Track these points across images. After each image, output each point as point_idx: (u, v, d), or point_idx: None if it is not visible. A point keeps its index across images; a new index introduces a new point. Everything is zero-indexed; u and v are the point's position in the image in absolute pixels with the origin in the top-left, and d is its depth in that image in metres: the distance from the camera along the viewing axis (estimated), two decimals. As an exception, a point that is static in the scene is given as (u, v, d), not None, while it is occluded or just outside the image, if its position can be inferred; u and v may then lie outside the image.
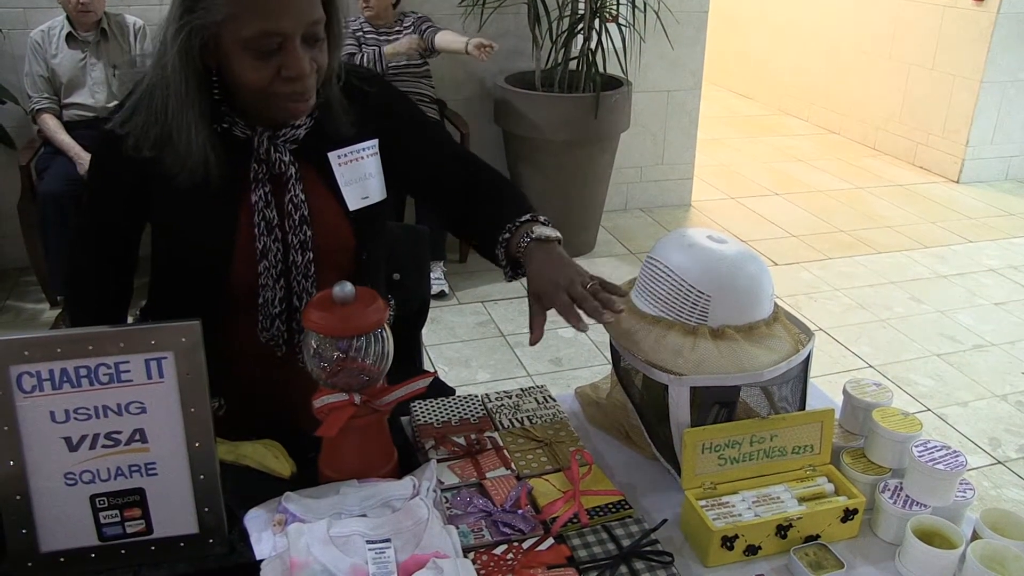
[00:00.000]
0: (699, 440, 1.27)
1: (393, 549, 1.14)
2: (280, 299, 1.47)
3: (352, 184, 1.48)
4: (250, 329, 1.49)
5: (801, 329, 1.40)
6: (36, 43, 3.71)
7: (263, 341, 1.50)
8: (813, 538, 1.24)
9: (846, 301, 4.17)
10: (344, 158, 1.48)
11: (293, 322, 1.50)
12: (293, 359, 1.52)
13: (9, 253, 4.17)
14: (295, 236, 1.44)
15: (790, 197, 5.61)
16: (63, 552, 1.17)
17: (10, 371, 1.10)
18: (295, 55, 1.29)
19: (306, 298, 1.47)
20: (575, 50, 4.33)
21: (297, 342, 1.51)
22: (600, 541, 1.21)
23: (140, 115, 1.37)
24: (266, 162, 1.41)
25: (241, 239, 1.43)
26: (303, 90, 1.33)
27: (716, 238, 1.36)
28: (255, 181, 1.42)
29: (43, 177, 3.65)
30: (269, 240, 1.43)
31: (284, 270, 1.45)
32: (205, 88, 1.34)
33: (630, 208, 5.27)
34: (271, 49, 1.28)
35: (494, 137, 4.63)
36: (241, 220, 1.43)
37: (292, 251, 1.45)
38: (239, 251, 1.43)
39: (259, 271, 1.44)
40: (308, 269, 1.46)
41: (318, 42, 1.33)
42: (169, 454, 1.17)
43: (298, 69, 1.30)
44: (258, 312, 1.48)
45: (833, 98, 7.13)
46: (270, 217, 1.42)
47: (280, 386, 1.54)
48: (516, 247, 1.43)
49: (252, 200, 1.42)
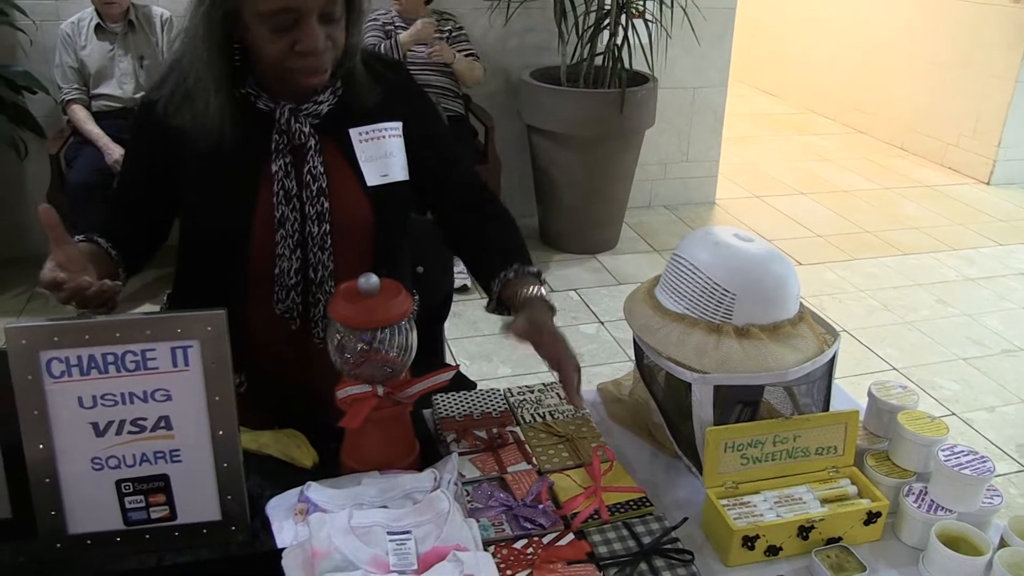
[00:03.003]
0: (722, 439, 1.27)
1: (414, 540, 1.14)
2: (296, 270, 1.49)
3: (372, 161, 1.50)
4: (267, 302, 1.51)
5: (826, 329, 1.39)
6: (66, 34, 3.74)
7: (278, 313, 1.52)
8: (835, 540, 1.23)
9: (871, 302, 4.14)
10: (366, 135, 1.50)
11: (309, 295, 1.52)
12: (308, 334, 1.54)
13: (38, 241, 4.20)
14: (312, 207, 1.47)
15: (816, 197, 5.57)
16: (90, 535, 1.19)
17: (40, 356, 1.12)
18: (310, 32, 1.32)
19: (322, 271, 1.50)
20: (601, 46, 4.31)
21: (312, 316, 1.53)
22: (620, 538, 1.21)
23: (170, 81, 1.43)
24: (287, 133, 1.45)
25: (260, 208, 1.46)
26: (317, 65, 1.37)
27: (742, 236, 1.36)
28: (276, 152, 1.45)
29: (72, 167, 3.69)
30: (287, 210, 1.46)
31: (301, 240, 1.48)
32: (225, 54, 1.38)
33: (654, 205, 5.25)
34: (287, 24, 1.31)
35: (519, 132, 4.63)
36: (261, 190, 1.46)
37: (309, 222, 1.47)
38: (258, 220, 1.46)
39: (276, 240, 1.47)
40: (324, 241, 1.48)
41: (335, 20, 1.36)
42: (193, 442, 1.18)
43: (312, 45, 1.33)
44: (274, 283, 1.50)
45: (862, 97, 7.06)
46: (289, 187, 1.45)
47: (296, 363, 1.56)
48: (520, 289, 1.47)
49: (272, 170, 1.45)
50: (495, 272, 1.52)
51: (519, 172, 4.72)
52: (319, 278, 1.50)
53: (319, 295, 1.52)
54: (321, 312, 1.53)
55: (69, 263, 1.25)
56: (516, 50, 4.64)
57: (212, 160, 1.44)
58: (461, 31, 4.16)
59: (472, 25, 4.39)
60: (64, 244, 1.24)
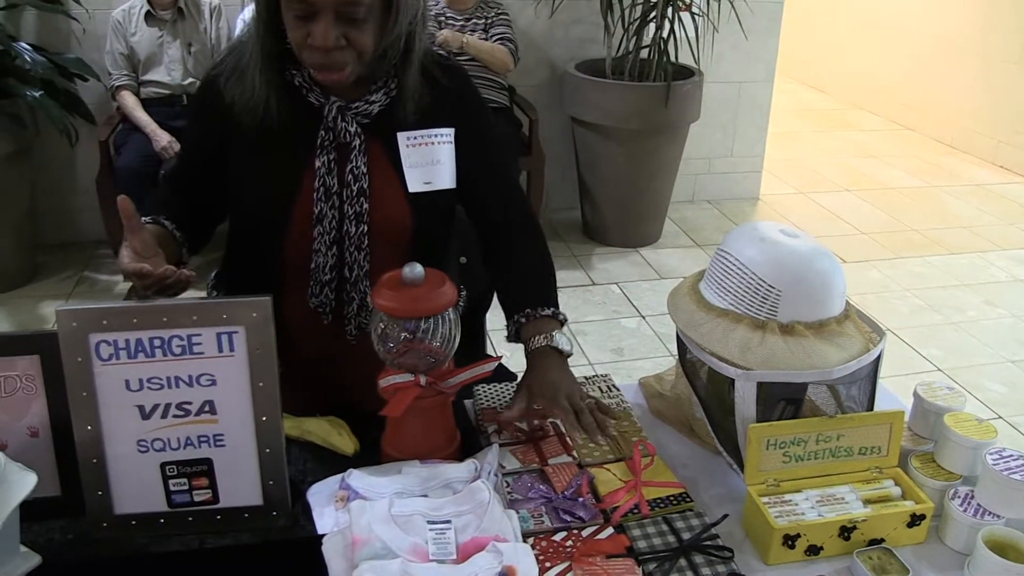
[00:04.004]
0: (764, 436, 1.26)
1: (453, 530, 1.15)
2: (331, 266, 1.49)
3: (417, 167, 1.49)
4: (302, 293, 1.52)
5: (872, 328, 1.37)
6: (117, 22, 3.80)
7: (312, 307, 1.52)
8: (877, 542, 1.22)
9: (916, 302, 4.08)
10: (414, 140, 1.49)
11: (343, 293, 1.52)
12: (340, 331, 1.55)
13: (87, 226, 4.29)
14: (351, 207, 1.46)
15: (861, 194, 5.49)
16: (135, 516, 1.21)
17: (90, 339, 1.14)
18: (321, 28, 1.30)
19: (357, 270, 1.50)
20: (647, 38, 4.28)
21: (346, 313, 1.53)
22: (660, 533, 1.21)
23: (230, 58, 1.46)
24: (333, 130, 1.44)
25: (301, 201, 1.46)
26: (328, 62, 1.34)
27: (788, 232, 1.34)
28: (321, 147, 1.45)
29: (120, 152, 3.75)
30: (326, 206, 1.46)
31: (337, 238, 1.48)
32: (274, 34, 1.38)
33: (697, 200, 5.21)
34: (305, 15, 1.31)
35: (563, 124, 4.62)
36: (304, 183, 1.46)
37: (347, 221, 1.47)
38: (297, 213, 1.47)
39: (313, 235, 1.47)
40: (361, 241, 1.48)
41: (357, 21, 1.32)
42: (237, 426, 1.20)
43: (320, 41, 1.31)
44: (310, 276, 1.50)
45: (910, 92, 6.94)
46: (329, 184, 1.45)
47: (328, 356, 1.57)
48: (530, 337, 1.48)
49: (316, 165, 1.45)
50: (512, 307, 1.54)
51: (562, 164, 4.71)
52: (354, 277, 1.50)
53: (353, 293, 1.52)
54: (354, 310, 1.53)
55: (143, 249, 1.27)
56: (561, 42, 4.62)
57: (259, 145, 1.45)
58: (502, 16, 4.14)
59: (518, 16, 4.38)
60: (138, 231, 1.27)
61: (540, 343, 1.46)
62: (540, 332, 1.47)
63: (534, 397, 1.40)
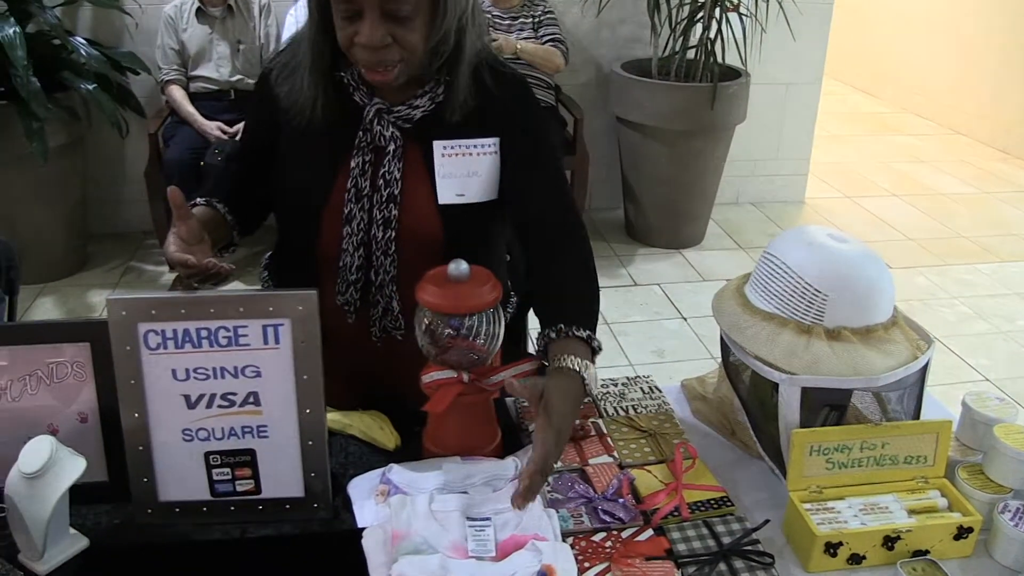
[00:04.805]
0: (807, 442, 1.24)
1: (493, 528, 1.15)
2: (358, 267, 1.48)
3: (451, 178, 1.46)
4: (330, 289, 1.51)
5: (920, 335, 1.35)
6: (169, 17, 3.86)
7: (338, 304, 1.52)
8: (922, 553, 1.20)
9: (963, 310, 4.00)
10: (450, 150, 1.45)
11: (368, 295, 1.51)
12: (364, 330, 1.54)
13: (135, 217, 4.36)
14: (379, 211, 1.45)
15: (909, 199, 5.40)
16: (178, 503, 1.23)
17: (138, 328, 1.16)
18: (367, 26, 1.29)
19: (383, 274, 1.48)
20: (694, 39, 4.26)
21: (371, 315, 1.52)
22: (700, 536, 1.20)
23: (285, 53, 1.47)
24: (370, 132, 1.44)
25: (333, 199, 1.47)
26: (376, 60, 1.33)
27: (837, 237, 1.32)
28: (357, 148, 1.45)
29: (169, 145, 3.81)
30: (355, 208, 1.46)
31: (365, 240, 1.47)
32: (325, 33, 1.38)
33: (741, 202, 5.16)
34: (352, 14, 1.30)
35: (608, 124, 4.60)
36: (338, 182, 1.46)
37: (375, 225, 1.46)
38: (329, 210, 1.47)
39: (343, 235, 1.47)
40: (388, 247, 1.46)
41: (403, 19, 1.30)
42: (280, 418, 1.21)
43: (367, 40, 1.30)
44: (337, 274, 1.50)
45: (962, 97, 6.81)
46: (361, 186, 1.45)
47: (353, 353, 1.55)
48: (554, 356, 1.28)
49: (351, 165, 1.45)
50: (545, 321, 1.37)
51: (607, 164, 4.70)
52: (379, 281, 1.49)
53: (379, 297, 1.50)
54: (379, 313, 1.51)
55: (190, 237, 1.29)
56: (607, 41, 4.61)
57: (302, 140, 1.46)
58: (549, 15, 4.14)
59: (564, 15, 4.38)
60: (186, 220, 1.29)
61: (568, 363, 1.25)
62: (571, 354, 1.27)
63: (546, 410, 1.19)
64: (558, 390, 1.21)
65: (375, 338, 1.54)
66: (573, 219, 1.50)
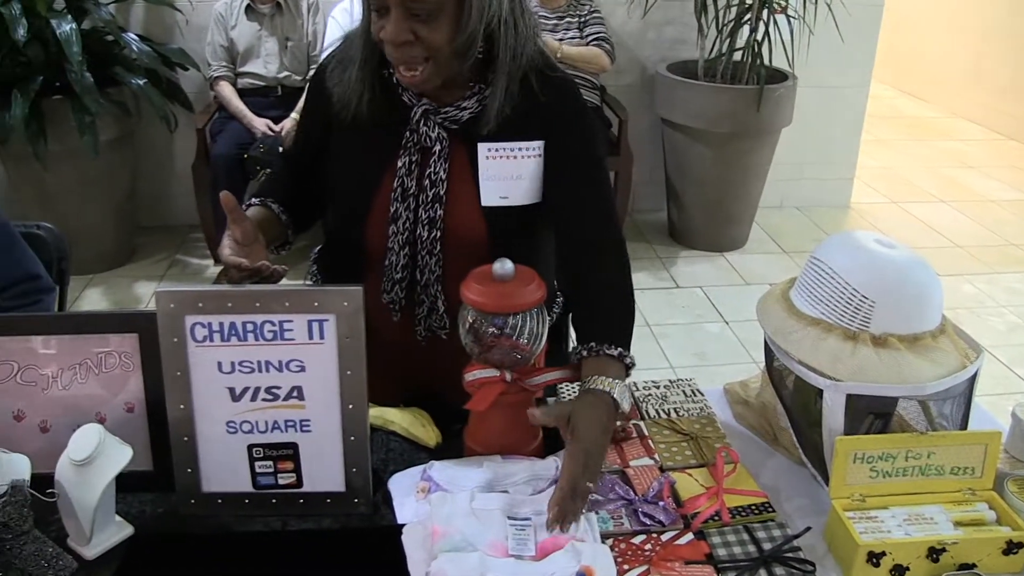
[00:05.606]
0: (851, 449, 1.23)
1: (533, 527, 1.15)
2: (403, 266, 1.49)
3: (495, 180, 1.46)
4: (376, 287, 1.52)
5: (969, 344, 1.32)
6: (219, 14, 3.92)
7: (384, 302, 1.53)
8: (968, 567, 1.18)
9: (1012, 319, 3.93)
10: (495, 152, 1.45)
11: (413, 294, 1.51)
12: (409, 328, 1.54)
13: (181, 210, 4.42)
14: (425, 211, 1.46)
15: (957, 205, 5.31)
16: (221, 494, 1.24)
17: (186, 320, 1.17)
18: (391, 22, 1.29)
19: (428, 274, 1.49)
20: (741, 41, 4.22)
21: (416, 314, 1.53)
22: (740, 542, 1.19)
23: (340, 49, 1.48)
24: (416, 132, 1.44)
25: (380, 197, 1.47)
26: (400, 57, 1.33)
27: (884, 242, 1.31)
28: (404, 148, 1.45)
29: (216, 140, 3.86)
30: (401, 207, 1.46)
31: (410, 240, 1.48)
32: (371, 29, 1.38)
33: (786, 206, 5.10)
34: (380, 9, 1.31)
35: (653, 125, 4.58)
36: (384, 181, 1.47)
37: (420, 225, 1.46)
38: (376, 208, 1.48)
39: (388, 233, 1.48)
40: (433, 247, 1.47)
41: (425, 17, 1.29)
42: (323, 413, 1.22)
43: (389, 35, 1.30)
44: (383, 272, 1.51)
45: (1014, 101, 6.68)
46: (408, 186, 1.45)
47: (397, 351, 1.55)
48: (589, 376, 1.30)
49: (398, 164, 1.46)
50: (578, 337, 1.40)
51: (651, 165, 4.68)
52: (424, 280, 1.49)
53: (423, 296, 1.51)
54: (424, 312, 1.52)
55: (244, 238, 1.33)
56: (653, 43, 4.59)
57: (352, 137, 1.47)
58: (595, 14, 4.13)
59: (610, 16, 4.36)
60: (241, 222, 1.32)
61: (600, 385, 1.28)
62: (601, 374, 1.30)
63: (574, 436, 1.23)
64: (584, 416, 1.24)
65: (420, 336, 1.54)
66: (613, 232, 1.50)
